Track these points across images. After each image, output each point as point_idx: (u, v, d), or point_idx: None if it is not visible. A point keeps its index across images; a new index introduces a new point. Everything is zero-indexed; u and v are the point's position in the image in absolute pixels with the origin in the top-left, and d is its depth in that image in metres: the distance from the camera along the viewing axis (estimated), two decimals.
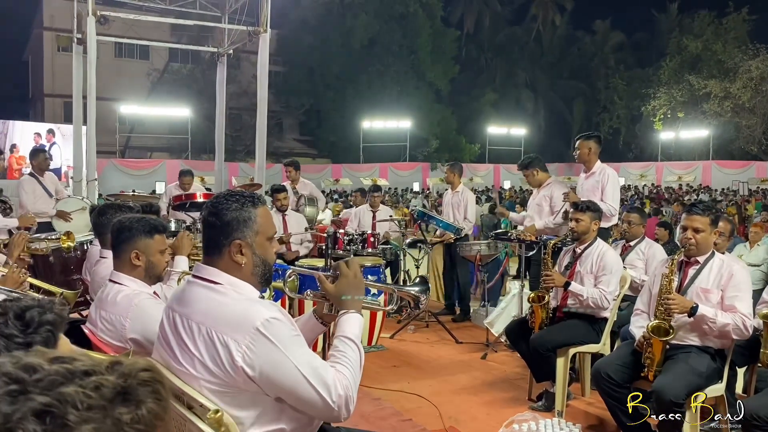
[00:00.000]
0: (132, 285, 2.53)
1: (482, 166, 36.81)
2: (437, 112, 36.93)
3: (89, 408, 0.74)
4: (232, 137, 28.96)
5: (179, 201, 6.82)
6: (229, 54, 13.39)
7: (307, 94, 34.92)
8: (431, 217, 6.45)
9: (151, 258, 2.57)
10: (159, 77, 32.91)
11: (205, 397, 1.73)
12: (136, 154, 32.17)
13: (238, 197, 1.90)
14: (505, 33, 42.63)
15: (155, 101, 30.23)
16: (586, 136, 5.59)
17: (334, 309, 2.08)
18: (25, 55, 35.74)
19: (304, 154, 35.94)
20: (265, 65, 11.21)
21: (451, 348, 5.86)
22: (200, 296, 1.84)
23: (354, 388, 1.84)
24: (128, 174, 27.54)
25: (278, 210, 6.75)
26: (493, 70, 42.14)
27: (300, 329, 2.19)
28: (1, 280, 3.25)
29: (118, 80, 31.21)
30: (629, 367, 3.37)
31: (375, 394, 4.54)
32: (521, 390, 4.60)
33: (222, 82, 13.28)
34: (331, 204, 17.68)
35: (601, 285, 4.13)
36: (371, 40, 34.93)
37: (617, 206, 5.31)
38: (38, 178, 7.33)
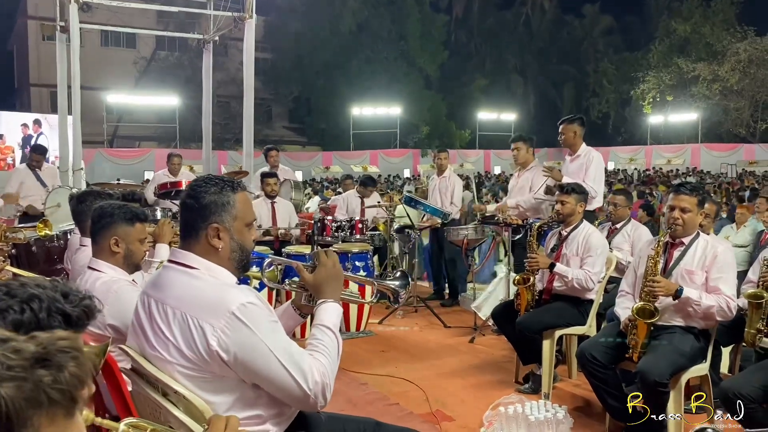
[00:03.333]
0: (111, 272, 2.50)
1: (473, 151, 36.80)
2: (427, 99, 36.83)
3: (9, 368, 0.77)
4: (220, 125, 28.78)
5: (165, 189, 6.76)
6: (215, 41, 13.22)
7: (296, 82, 34.74)
8: (418, 203, 6.44)
9: (131, 246, 2.54)
10: (146, 65, 32.63)
11: (180, 383, 1.71)
12: (124, 144, 31.93)
13: (217, 181, 1.88)
14: (495, 18, 42.47)
15: (143, 90, 30.00)
16: (570, 119, 5.58)
17: (312, 300, 2.07)
18: (10, 44, 35.32)
19: (293, 142, 35.83)
20: (251, 52, 11.09)
21: (440, 332, 5.87)
22: (176, 281, 1.82)
23: (331, 375, 1.83)
24: (117, 163, 27.36)
25: (267, 196, 6.71)
26: (483, 56, 42.02)
27: (279, 318, 2.19)
28: None
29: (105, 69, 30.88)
30: (614, 349, 3.38)
31: (362, 379, 4.55)
32: (508, 373, 4.61)
33: (208, 70, 13.12)
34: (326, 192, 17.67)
35: (587, 266, 4.13)
36: (360, 26, 34.75)
37: (600, 188, 5.31)
38: (35, 171, 7.35)
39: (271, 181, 6.65)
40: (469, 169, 33.56)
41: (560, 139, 5.61)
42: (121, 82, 30.21)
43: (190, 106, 27.65)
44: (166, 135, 30.55)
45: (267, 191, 6.63)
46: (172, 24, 26.92)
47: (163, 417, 1.76)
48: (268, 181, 6.65)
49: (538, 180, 5.70)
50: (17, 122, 23.23)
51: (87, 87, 30.21)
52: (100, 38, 32.02)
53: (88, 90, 30.28)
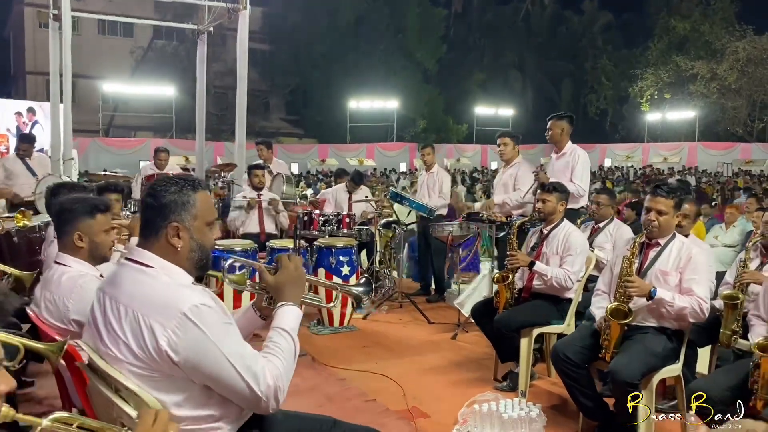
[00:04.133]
0: (77, 266, 2.49)
1: (470, 146, 36.78)
2: (425, 92, 36.76)
3: None
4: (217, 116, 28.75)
5: (151, 180, 6.74)
6: (209, 31, 13.18)
7: (294, 74, 34.64)
8: (404, 198, 6.43)
9: (95, 238, 2.53)
10: (143, 55, 32.52)
11: (131, 381, 1.70)
12: (120, 133, 31.85)
13: (177, 180, 1.87)
14: (494, 12, 42.33)
15: (139, 79, 29.88)
16: (559, 116, 5.57)
17: (273, 302, 2.07)
18: (6, 31, 35.15)
19: (290, 134, 35.78)
20: (244, 43, 11.06)
21: (423, 328, 5.87)
22: (130, 279, 1.81)
23: (285, 379, 1.83)
24: (112, 153, 27.29)
25: (254, 188, 6.71)
26: (481, 50, 41.90)
27: (238, 320, 2.18)
28: None
29: (101, 58, 30.82)
30: (588, 348, 3.39)
31: (341, 375, 4.55)
32: (487, 370, 4.61)
33: (202, 61, 13.09)
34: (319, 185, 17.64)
35: (566, 265, 4.14)
36: (358, 19, 34.63)
37: (586, 187, 5.31)
38: (24, 160, 7.29)
39: (258, 172, 6.64)
40: (466, 164, 33.58)
41: (547, 135, 5.59)
42: (118, 72, 30.11)
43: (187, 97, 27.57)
44: (162, 125, 30.48)
45: (254, 183, 6.63)
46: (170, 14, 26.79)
47: (116, 413, 1.76)
48: (255, 173, 6.65)
49: (522, 177, 5.69)
50: (12, 110, 23.10)
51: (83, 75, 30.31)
52: (96, 27, 31.91)
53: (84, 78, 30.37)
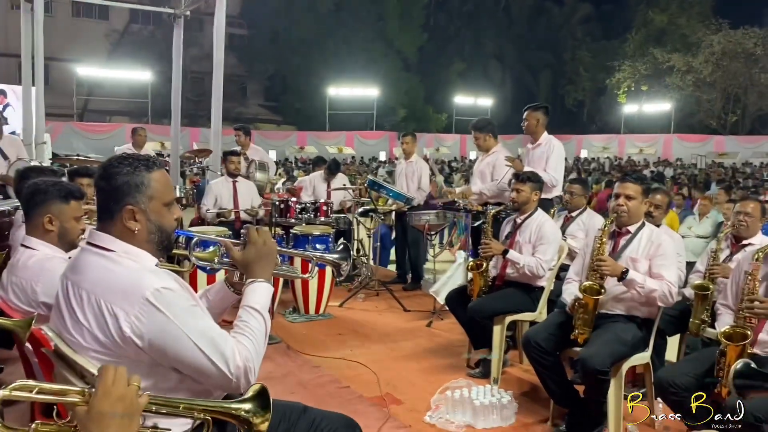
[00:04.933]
0: (45, 249, 2.46)
1: (449, 136, 36.85)
2: (405, 81, 36.72)
3: None
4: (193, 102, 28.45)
5: None
6: (186, 15, 12.96)
7: (272, 59, 34.35)
8: (382, 186, 6.43)
9: (65, 224, 2.49)
10: (119, 39, 31.99)
11: (95, 367, 1.68)
12: (95, 118, 31.34)
13: (130, 161, 1.81)
14: (474, 2, 42.29)
15: (115, 63, 29.40)
16: (535, 107, 5.59)
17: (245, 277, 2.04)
18: None
19: (268, 121, 35.50)
20: (221, 27, 10.84)
21: (399, 316, 5.90)
22: (91, 264, 1.77)
23: (255, 359, 1.80)
24: (87, 138, 26.86)
25: (229, 175, 6.65)
26: (462, 40, 41.88)
27: (212, 298, 2.16)
28: None
29: (76, 41, 30.27)
30: (559, 336, 3.42)
31: (316, 362, 4.55)
32: (461, 357, 4.65)
33: (179, 45, 12.82)
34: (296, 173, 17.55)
35: (538, 254, 4.18)
36: (338, 5, 34.41)
37: (560, 177, 5.35)
38: None
39: (234, 159, 6.58)
40: (445, 154, 33.65)
41: (523, 125, 5.61)
42: (93, 55, 29.59)
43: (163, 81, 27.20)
44: (138, 110, 30.09)
45: (230, 169, 6.57)
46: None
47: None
48: (231, 159, 6.58)
49: (500, 166, 5.70)
50: None
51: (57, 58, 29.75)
52: (71, 9, 31.28)
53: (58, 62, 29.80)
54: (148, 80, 28.02)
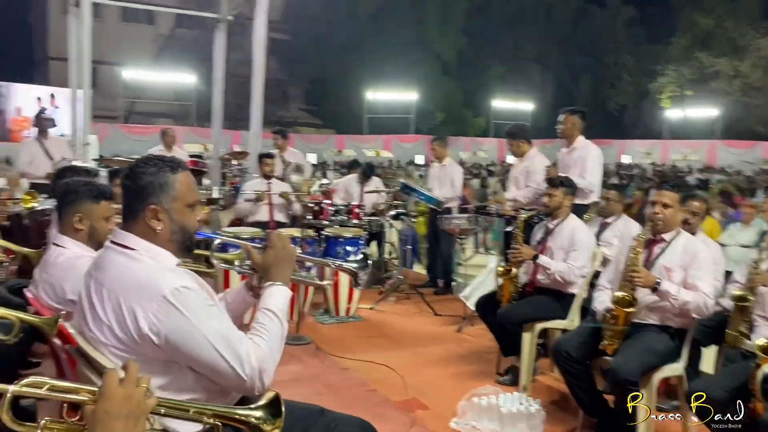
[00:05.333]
0: (74, 248, 2.52)
1: (487, 140, 36.57)
2: (443, 85, 36.54)
3: None
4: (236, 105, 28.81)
5: None
6: (228, 20, 13.17)
7: (313, 64, 34.60)
8: (413, 190, 6.41)
9: (95, 224, 2.55)
10: (165, 43, 32.68)
11: (114, 364, 1.71)
12: (140, 120, 32.03)
13: (156, 161, 1.86)
14: (516, 5, 41.84)
15: (161, 67, 30.04)
16: (571, 110, 5.52)
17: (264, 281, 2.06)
18: (30, 17, 35.45)
19: (308, 124, 35.78)
20: (261, 32, 11.01)
21: (429, 320, 5.87)
22: (113, 262, 1.81)
23: (271, 361, 1.81)
24: (132, 139, 27.48)
25: (264, 176, 6.73)
26: (502, 43, 41.42)
27: (231, 300, 2.18)
28: None
29: (124, 45, 31.02)
30: (589, 345, 3.36)
31: (344, 364, 4.57)
32: (490, 364, 4.60)
33: (220, 49, 13.08)
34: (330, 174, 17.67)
35: (570, 260, 4.11)
36: (378, 9, 34.48)
37: (597, 183, 5.26)
38: (41, 142, 7.29)
39: (269, 161, 6.67)
40: (483, 158, 33.41)
41: (558, 129, 5.54)
42: (140, 59, 30.29)
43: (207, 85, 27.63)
44: (182, 113, 30.64)
45: (265, 171, 6.66)
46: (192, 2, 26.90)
47: None
48: (266, 162, 6.68)
49: (534, 171, 5.63)
50: (35, 95, 23.41)
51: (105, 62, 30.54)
52: (119, 14, 32.10)
53: (106, 65, 30.61)
54: (193, 83, 28.53)
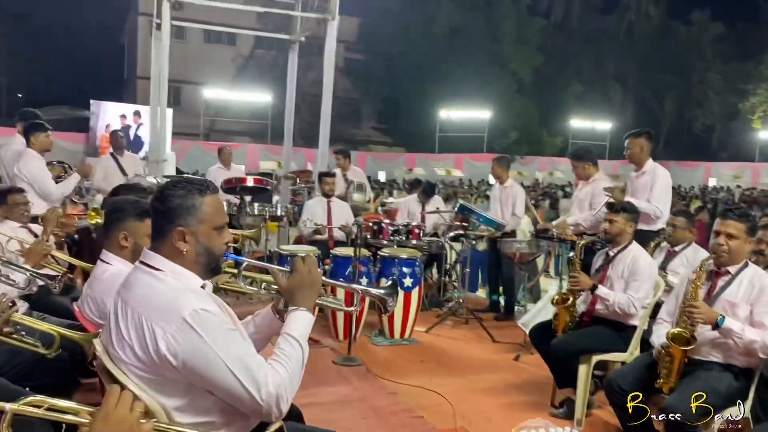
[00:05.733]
0: (119, 265, 2.58)
1: (563, 160, 35.71)
2: (518, 103, 36.08)
3: None
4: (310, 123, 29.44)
5: (230, 185, 6.99)
6: (301, 41, 13.50)
7: (386, 82, 34.97)
8: (471, 211, 6.29)
9: (139, 240, 2.61)
10: (244, 63, 33.83)
11: (134, 383, 1.73)
12: (220, 138, 33.19)
13: (185, 184, 1.89)
14: (595, 23, 40.97)
15: (239, 86, 31.10)
16: (636, 133, 5.31)
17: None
18: (122, 38, 37.60)
19: (380, 142, 36.10)
20: (332, 53, 11.22)
21: (486, 347, 5.71)
22: (140, 281, 1.84)
23: (289, 387, 1.80)
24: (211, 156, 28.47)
25: (324, 195, 6.80)
26: (580, 62, 40.60)
27: (259, 323, 2.17)
28: (26, 252, 3.42)
29: (206, 65, 32.35)
30: (644, 380, 3.16)
31: (393, 388, 4.49)
32: (546, 395, 4.41)
33: (293, 69, 13.44)
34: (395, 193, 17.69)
35: (630, 291, 3.90)
36: (453, 29, 34.53)
37: (665, 209, 5.00)
38: (117, 158, 7.61)
39: (329, 180, 6.73)
40: (559, 178, 32.71)
41: (626, 153, 5.36)
42: (220, 78, 31.46)
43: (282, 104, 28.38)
44: (259, 131, 31.53)
45: (325, 190, 6.72)
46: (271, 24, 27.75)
47: None
48: (326, 180, 6.74)
49: (599, 194, 5.43)
50: (121, 112, 24.71)
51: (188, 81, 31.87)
52: (203, 36, 33.52)
53: (189, 84, 31.96)
54: (269, 102, 29.35)
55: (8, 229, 4.09)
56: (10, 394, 2.54)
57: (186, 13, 13.03)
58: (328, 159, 10.79)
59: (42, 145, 5.11)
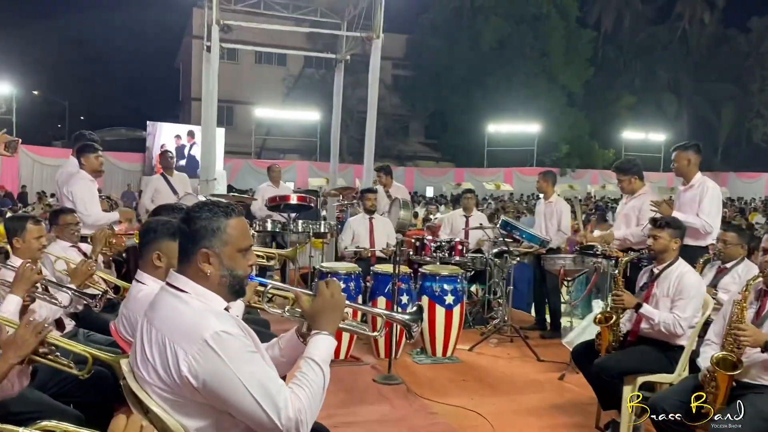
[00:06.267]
0: (152, 284, 2.63)
1: None
2: (569, 116, 35.55)
3: None
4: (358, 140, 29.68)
5: (274, 202, 7.08)
6: (346, 60, 13.66)
7: (434, 98, 35.00)
8: (515, 227, 6.20)
9: (173, 260, 2.64)
10: (294, 82, 34.43)
11: (156, 404, 1.75)
12: (271, 156, 33.83)
13: (211, 207, 1.92)
14: (647, 33, 40.10)
15: (289, 105, 31.65)
16: (684, 146, 5.14)
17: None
18: (177, 61, 38.84)
19: (428, 158, 36.08)
20: (376, 71, 11.31)
21: (531, 366, 5.59)
22: (164, 302, 1.87)
23: (309, 412, 1.79)
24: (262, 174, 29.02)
25: (366, 212, 6.82)
26: (632, 72, 39.80)
27: (284, 347, 2.18)
28: (72, 272, 3.53)
29: (257, 85, 33.08)
30: (689, 404, 3.03)
31: (433, 408, 4.43)
32: (590, 416, 4.28)
33: (339, 88, 13.61)
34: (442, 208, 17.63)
35: (676, 310, 3.75)
36: (500, 43, 34.37)
37: (715, 223, 4.82)
38: (167, 178, 7.81)
39: (370, 196, 6.77)
40: (612, 191, 31.97)
41: (673, 166, 5.21)
42: (271, 98, 32.10)
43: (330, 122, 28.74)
44: (308, 148, 31.97)
45: (366, 206, 6.74)
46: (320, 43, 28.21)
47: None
48: (368, 197, 6.77)
49: (646, 209, 5.26)
50: (176, 133, 25.49)
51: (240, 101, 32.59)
52: (254, 57, 34.34)
53: (241, 104, 32.72)
54: (317, 120, 29.75)
55: (59, 249, 4.24)
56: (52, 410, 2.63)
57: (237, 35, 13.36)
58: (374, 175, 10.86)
59: (92, 165, 5.27)
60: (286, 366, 2.11)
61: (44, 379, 2.78)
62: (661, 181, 32.20)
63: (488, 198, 26.43)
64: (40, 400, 2.59)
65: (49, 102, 35.53)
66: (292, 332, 2.18)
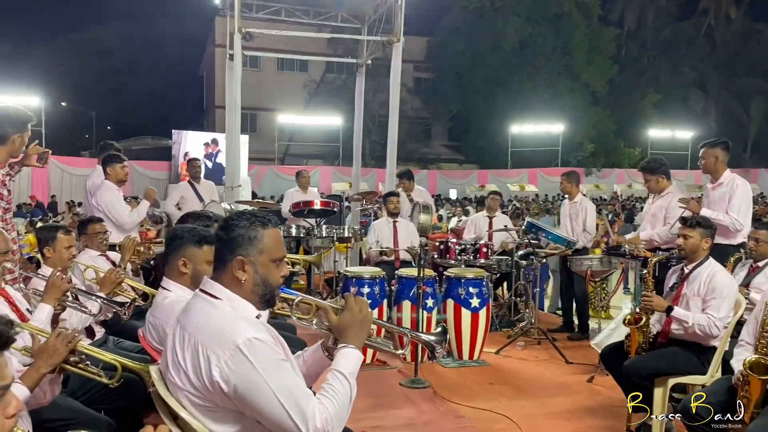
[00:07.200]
0: (178, 291, 2.66)
1: None
2: (593, 115, 35.21)
3: None
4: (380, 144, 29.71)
5: (298, 208, 7.12)
6: (368, 64, 13.69)
7: (456, 100, 34.93)
8: (540, 229, 6.14)
9: (198, 267, 2.68)
10: (315, 88, 34.61)
11: (186, 410, 1.77)
12: (294, 161, 34.04)
13: (249, 216, 1.97)
14: (671, 29, 39.59)
15: (312, 111, 31.83)
16: (712, 143, 5.06)
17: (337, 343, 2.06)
18: (201, 70, 39.32)
19: (451, 160, 36.00)
20: (397, 75, 11.31)
21: (559, 368, 5.52)
22: (198, 308, 1.90)
23: (336, 423, 1.80)
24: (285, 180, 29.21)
25: (390, 215, 6.82)
26: (657, 69, 39.27)
27: (308, 360, 2.18)
28: (100, 280, 3.58)
29: (280, 92, 33.34)
30: (724, 405, 2.96)
31: (461, 411, 4.40)
32: (621, 419, 4.21)
33: (360, 92, 13.64)
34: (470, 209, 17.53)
35: (710, 310, 3.68)
36: (522, 43, 34.19)
37: (745, 221, 4.73)
38: (193, 185, 7.90)
39: (393, 200, 6.77)
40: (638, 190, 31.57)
41: (700, 164, 5.12)
42: (293, 104, 32.32)
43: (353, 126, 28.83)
44: (331, 153, 32.11)
45: (389, 209, 6.75)
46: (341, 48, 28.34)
47: None
48: (390, 200, 6.78)
49: (673, 208, 5.19)
50: (202, 140, 25.80)
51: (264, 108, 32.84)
52: (276, 64, 34.62)
53: (264, 111, 32.98)
54: (340, 125, 29.86)
55: (88, 258, 4.30)
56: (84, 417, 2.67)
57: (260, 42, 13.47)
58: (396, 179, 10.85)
59: (117, 175, 5.35)
60: (309, 379, 2.12)
61: (74, 387, 2.83)
62: (689, 178, 31.71)
63: (513, 199, 26.24)
64: (72, 408, 2.63)
65: (77, 113, 36.19)
66: (317, 346, 2.19)
